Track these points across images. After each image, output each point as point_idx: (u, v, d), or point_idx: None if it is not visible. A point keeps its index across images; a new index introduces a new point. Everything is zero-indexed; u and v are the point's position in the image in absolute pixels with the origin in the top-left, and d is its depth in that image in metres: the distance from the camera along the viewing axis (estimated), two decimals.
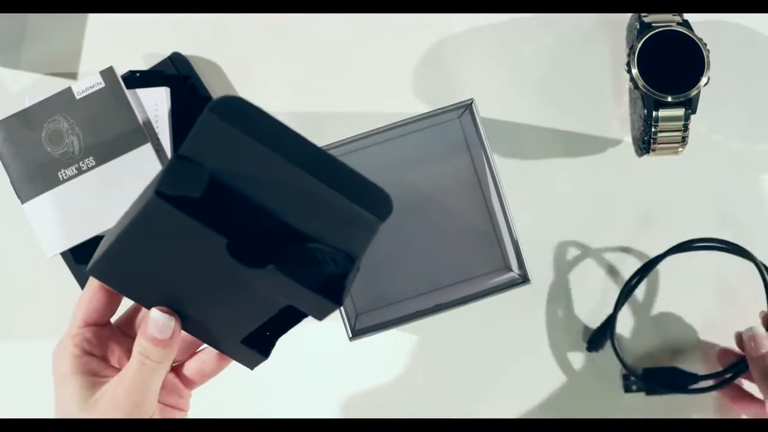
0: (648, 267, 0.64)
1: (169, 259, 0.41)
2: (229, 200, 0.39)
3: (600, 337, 0.64)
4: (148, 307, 0.44)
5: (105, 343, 0.46)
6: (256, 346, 0.45)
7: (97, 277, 0.44)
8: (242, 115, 0.39)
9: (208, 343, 0.46)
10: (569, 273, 0.65)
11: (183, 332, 0.44)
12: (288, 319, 0.44)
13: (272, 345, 0.46)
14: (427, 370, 0.66)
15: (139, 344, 0.43)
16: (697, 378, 0.63)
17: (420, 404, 0.66)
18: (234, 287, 0.42)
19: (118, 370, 0.45)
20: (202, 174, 0.39)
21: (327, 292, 0.41)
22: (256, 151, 0.39)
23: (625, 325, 0.65)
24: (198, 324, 0.44)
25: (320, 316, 0.42)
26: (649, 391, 0.64)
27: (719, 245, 0.63)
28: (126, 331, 0.48)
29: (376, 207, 0.41)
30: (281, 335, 0.46)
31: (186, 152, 0.39)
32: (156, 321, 0.43)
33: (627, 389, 0.65)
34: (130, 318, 0.48)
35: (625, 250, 0.65)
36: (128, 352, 0.46)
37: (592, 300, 0.65)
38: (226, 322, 0.44)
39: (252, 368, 0.46)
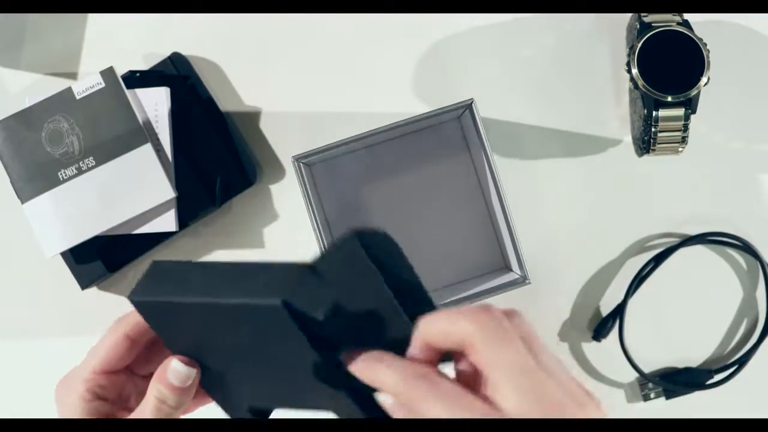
0: (661, 257, 0.64)
1: (233, 335, 0.40)
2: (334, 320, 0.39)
3: (606, 323, 0.65)
4: (173, 352, 0.42)
5: (116, 386, 0.44)
6: (258, 414, 0.44)
7: (140, 310, 0.41)
8: (378, 245, 0.38)
9: (211, 397, 0.44)
10: (569, 273, 0.65)
11: None
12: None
13: (270, 413, 0.45)
14: None
15: (157, 389, 0.41)
16: (711, 372, 0.64)
17: None
18: (285, 376, 0.41)
19: (128, 410, 0.44)
20: (329, 297, 0.37)
21: (378, 412, 0.40)
22: (372, 281, 0.38)
23: (627, 324, 0.65)
24: (213, 379, 0.43)
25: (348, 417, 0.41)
26: (669, 395, 0.64)
27: (732, 241, 0.64)
28: (135, 370, 0.46)
29: None
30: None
31: (319, 266, 0.38)
32: (176, 371, 0.41)
33: (646, 398, 0.64)
34: (139, 357, 0.46)
35: (625, 250, 0.65)
36: (137, 391, 0.45)
37: (592, 300, 0.65)
38: (246, 391, 0.43)
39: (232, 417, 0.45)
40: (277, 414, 0.66)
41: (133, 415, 0.42)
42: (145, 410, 0.42)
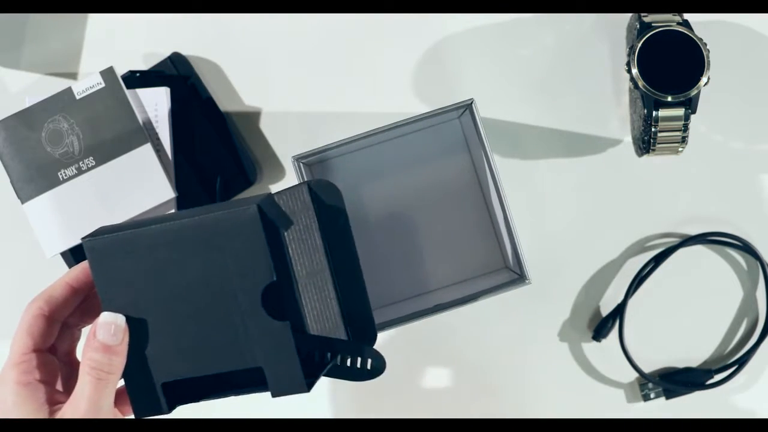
0: (661, 257, 0.64)
1: (182, 271, 0.41)
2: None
3: (606, 323, 0.65)
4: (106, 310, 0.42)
5: (48, 367, 0.44)
6: (169, 395, 0.43)
7: (90, 254, 0.42)
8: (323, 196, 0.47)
9: (126, 383, 0.44)
10: (569, 273, 0.65)
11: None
12: (220, 385, 0.43)
13: (179, 403, 0.43)
14: (427, 370, 0.66)
15: (90, 359, 0.41)
16: (711, 372, 0.64)
17: (420, 404, 0.66)
18: (225, 322, 0.41)
19: (64, 394, 0.44)
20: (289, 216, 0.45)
21: (307, 371, 0.41)
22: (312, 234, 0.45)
23: (627, 324, 0.65)
24: (138, 352, 0.42)
25: (279, 391, 0.42)
26: (668, 395, 0.64)
27: (732, 241, 0.64)
28: (58, 350, 0.46)
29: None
30: (201, 400, 0.43)
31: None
32: (107, 325, 0.42)
33: (646, 398, 0.65)
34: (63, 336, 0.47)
35: (625, 250, 0.65)
36: (63, 375, 0.45)
37: (592, 301, 0.65)
38: (169, 360, 0.42)
39: (138, 416, 0.43)
40: (278, 413, 0.66)
41: (74, 396, 0.42)
42: (84, 387, 0.41)
